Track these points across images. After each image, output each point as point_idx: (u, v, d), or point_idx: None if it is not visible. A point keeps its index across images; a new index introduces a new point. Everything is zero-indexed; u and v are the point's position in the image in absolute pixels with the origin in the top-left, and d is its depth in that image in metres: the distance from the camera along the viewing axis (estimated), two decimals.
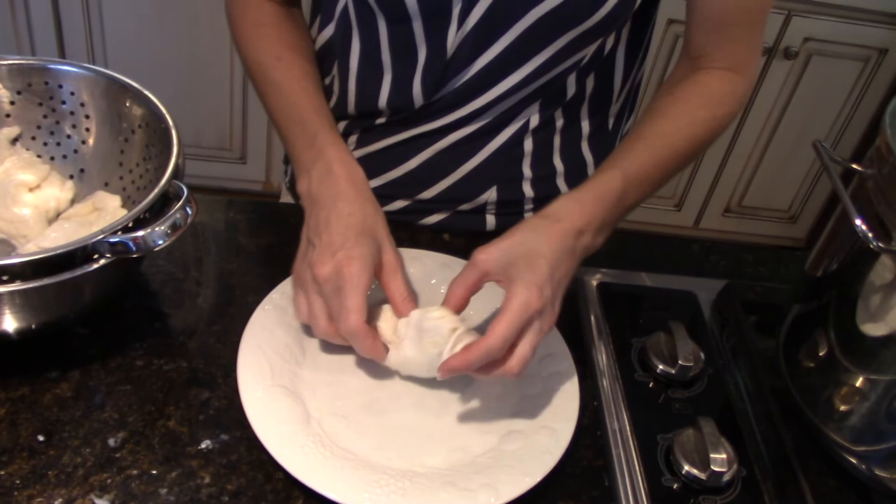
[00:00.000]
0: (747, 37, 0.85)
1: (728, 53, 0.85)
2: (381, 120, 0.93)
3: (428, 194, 0.96)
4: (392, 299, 0.75)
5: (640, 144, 0.80)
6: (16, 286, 0.63)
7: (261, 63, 0.87)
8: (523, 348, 0.69)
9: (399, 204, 0.97)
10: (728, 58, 0.85)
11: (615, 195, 0.76)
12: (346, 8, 0.88)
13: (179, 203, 0.68)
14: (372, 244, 0.74)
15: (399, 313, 0.74)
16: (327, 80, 0.96)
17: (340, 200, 0.75)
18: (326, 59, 0.94)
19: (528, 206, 0.97)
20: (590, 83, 0.90)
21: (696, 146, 0.83)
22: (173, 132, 0.75)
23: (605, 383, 0.80)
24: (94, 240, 0.65)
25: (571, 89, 0.90)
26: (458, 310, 0.73)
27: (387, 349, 0.73)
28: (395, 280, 0.75)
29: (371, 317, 0.74)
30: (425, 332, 0.71)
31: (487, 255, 0.71)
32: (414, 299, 0.75)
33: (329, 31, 0.92)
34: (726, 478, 0.70)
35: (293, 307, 0.76)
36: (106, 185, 0.84)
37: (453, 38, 0.83)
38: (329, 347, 0.77)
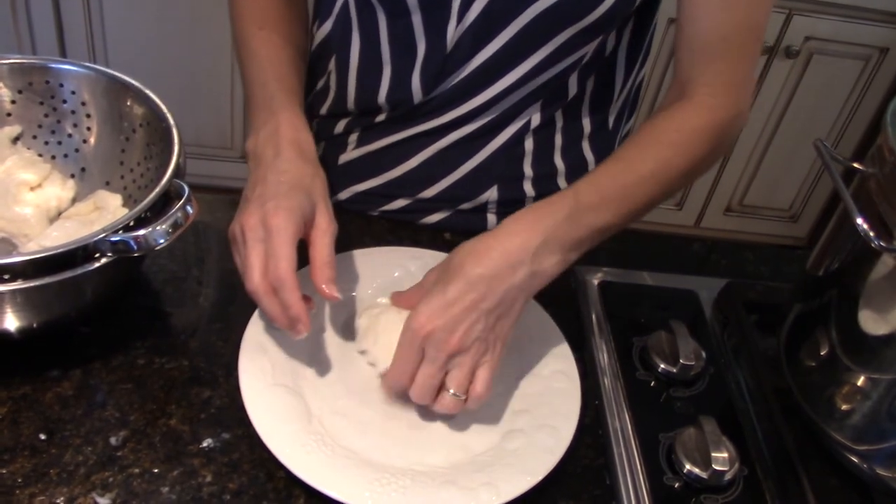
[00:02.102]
0: (736, 55, 0.81)
1: (714, 74, 0.81)
2: (381, 117, 0.93)
3: (429, 193, 0.96)
4: (312, 261, 0.72)
5: (601, 169, 0.78)
6: (17, 285, 0.63)
7: (244, 30, 0.87)
8: (424, 369, 0.69)
9: (400, 203, 0.97)
10: (714, 80, 0.81)
11: (562, 214, 0.72)
12: (345, 3, 0.89)
13: (181, 202, 0.68)
14: (304, 199, 0.72)
15: (315, 277, 0.71)
16: (324, 79, 0.96)
17: (279, 159, 0.75)
18: (324, 56, 0.94)
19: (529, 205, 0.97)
20: (590, 83, 0.90)
21: (665, 170, 0.78)
22: (174, 131, 0.75)
23: (606, 382, 0.80)
24: (95, 239, 0.65)
25: (573, 90, 0.90)
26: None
27: None
28: (322, 242, 0.72)
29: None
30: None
31: (432, 270, 0.73)
32: (334, 267, 0.72)
33: (328, 26, 0.92)
34: (728, 477, 0.70)
35: None
36: (107, 183, 0.84)
37: (453, 32, 0.83)
38: (330, 346, 0.77)
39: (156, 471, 0.67)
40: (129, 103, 0.81)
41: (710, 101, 0.81)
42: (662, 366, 0.80)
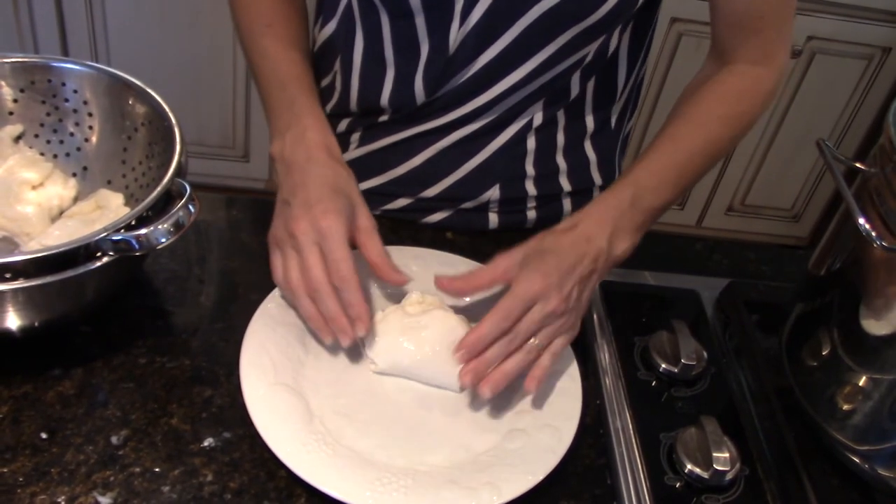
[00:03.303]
0: (773, 29, 0.84)
1: (753, 47, 0.84)
2: (383, 118, 0.93)
3: (431, 192, 0.96)
4: (371, 260, 0.75)
5: (654, 150, 0.82)
6: (19, 284, 0.63)
7: (251, 28, 0.87)
8: (525, 324, 0.71)
9: (402, 202, 0.97)
10: (753, 51, 0.84)
11: (626, 202, 0.77)
12: (349, 3, 0.88)
13: (182, 201, 0.68)
14: (346, 202, 0.74)
15: (380, 273, 0.74)
16: (328, 78, 0.96)
17: (313, 163, 0.76)
18: (328, 57, 0.94)
19: (531, 205, 0.97)
20: (592, 82, 0.90)
21: (715, 144, 0.83)
22: (176, 130, 0.75)
23: (607, 382, 0.80)
24: (96, 238, 0.65)
25: (575, 89, 0.90)
26: (453, 293, 0.75)
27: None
28: (372, 241, 0.75)
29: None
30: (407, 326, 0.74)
31: (507, 254, 0.74)
32: (390, 258, 0.76)
33: (331, 27, 0.92)
34: (729, 477, 0.70)
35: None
36: (109, 182, 0.84)
37: (455, 34, 0.83)
38: (332, 346, 0.77)
39: (157, 470, 0.67)
40: (130, 102, 0.81)
41: (749, 70, 0.85)
42: (664, 365, 0.80)
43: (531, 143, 0.92)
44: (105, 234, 0.65)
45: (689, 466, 0.71)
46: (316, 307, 0.72)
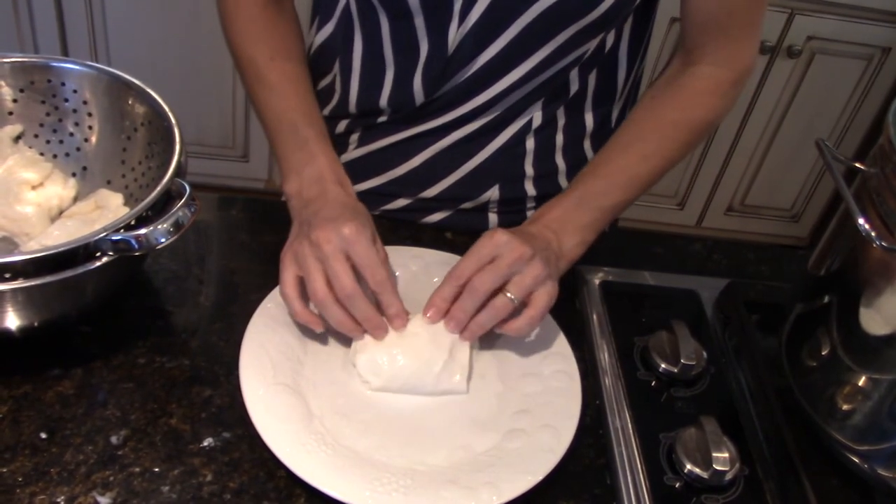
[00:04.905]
0: (741, 28, 0.84)
1: (719, 46, 0.84)
2: (383, 118, 0.93)
3: (430, 192, 0.96)
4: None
5: (604, 153, 0.84)
6: (18, 284, 0.63)
7: (254, 60, 0.87)
8: (488, 273, 0.72)
9: (401, 202, 0.97)
10: (719, 51, 0.85)
11: (572, 203, 0.81)
12: (347, 5, 0.88)
13: (182, 201, 0.68)
14: (367, 220, 0.76)
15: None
16: (328, 79, 0.96)
17: (331, 194, 0.78)
18: (327, 58, 0.94)
19: (531, 205, 0.97)
20: (592, 80, 0.90)
21: (667, 149, 0.84)
22: (176, 130, 0.75)
23: (607, 382, 0.80)
24: (96, 238, 0.65)
25: (574, 87, 0.90)
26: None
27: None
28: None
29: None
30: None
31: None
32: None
33: (329, 28, 0.92)
34: (728, 477, 0.70)
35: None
36: (108, 182, 0.84)
37: (454, 34, 0.83)
38: (331, 346, 0.77)
39: (156, 470, 0.67)
40: (130, 102, 0.81)
41: (711, 73, 0.86)
42: (663, 365, 0.80)
43: (530, 143, 0.92)
44: (104, 234, 0.65)
45: (688, 466, 0.71)
46: (346, 313, 0.72)
